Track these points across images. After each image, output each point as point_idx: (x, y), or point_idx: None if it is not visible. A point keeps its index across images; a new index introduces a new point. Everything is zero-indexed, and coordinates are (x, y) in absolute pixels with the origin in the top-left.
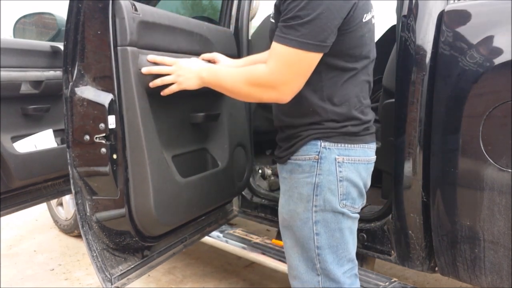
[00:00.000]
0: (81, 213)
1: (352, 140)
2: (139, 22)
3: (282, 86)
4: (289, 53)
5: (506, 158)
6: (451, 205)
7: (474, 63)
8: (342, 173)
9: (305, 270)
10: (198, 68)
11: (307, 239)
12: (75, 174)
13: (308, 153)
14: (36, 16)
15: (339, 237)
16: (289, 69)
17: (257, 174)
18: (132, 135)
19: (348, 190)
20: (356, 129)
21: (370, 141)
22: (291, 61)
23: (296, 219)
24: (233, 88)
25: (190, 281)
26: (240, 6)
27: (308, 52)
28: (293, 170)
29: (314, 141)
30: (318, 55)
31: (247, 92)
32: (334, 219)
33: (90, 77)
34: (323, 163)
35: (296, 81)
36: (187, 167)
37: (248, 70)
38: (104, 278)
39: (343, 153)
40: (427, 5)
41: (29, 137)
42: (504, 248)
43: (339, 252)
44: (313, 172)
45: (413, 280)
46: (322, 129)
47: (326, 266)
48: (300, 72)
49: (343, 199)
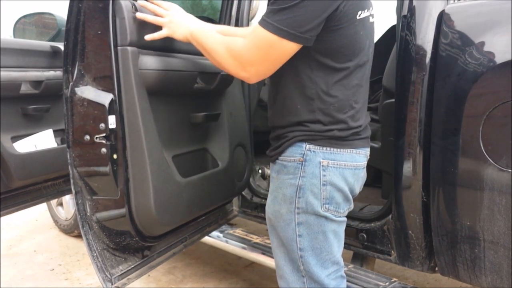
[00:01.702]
0: (82, 213)
1: (339, 144)
2: (139, 22)
3: (248, 65)
4: (263, 35)
5: (506, 158)
6: (451, 205)
7: (474, 63)
8: (326, 177)
9: (291, 271)
10: (189, 22)
11: (290, 240)
12: (75, 174)
13: (293, 155)
14: (36, 16)
15: (322, 240)
16: (258, 51)
17: (257, 174)
18: (132, 135)
19: (332, 194)
20: (343, 133)
21: (360, 146)
22: (262, 44)
23: (280, 220)
24: (211, 50)
25: (190, 281)
26: (240, 6)
27: (281, 39)
28: (280, 171)
29: (299, 143)
30: (293, 44)
31: (220, 59)
32: (316, 222)
33: (90, 77)
34: (307, 166)
35: (262, 65)
36: (187, 167)
37: (230, 40)
38: (104, 278)
39: (328, 157)
40: (427, 5)
41: (29, 137)
42: (504, 248)
43: (323, 255)
44: (297, 174)
45: (413, 280)
46: (308, 131)
47: (309, 268)
48: (268, 57)
49: (326, 203)
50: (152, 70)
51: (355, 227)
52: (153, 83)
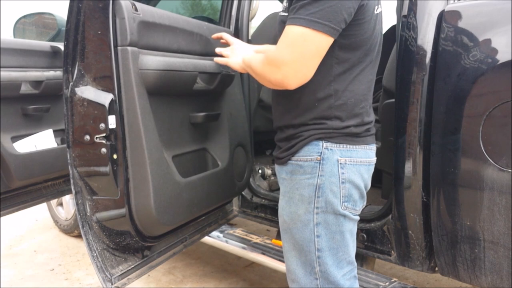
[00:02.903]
0: (82, 213)
1: (354, 141)
2: (139, 22)
3: (284, 66)
4: (295, 32)
5: (506, 158)
6: (451, 205)
7: (474, 63)
8: (345, 175)
9: (303, 274)
10: (244, 53)
11: (307, 241)
12: (75, 174)
13: (310, 154)
14: (36, 16)
15: (339, 240)
16: (293, 49)
17: (257, 174)
18: (132, 135)
19: (350, 192)
20: (358, 130)
21: (371, 142)
22: (296, 40)
23: (297, 221)
24: (256, 69)
25: (190, 281)
26: (240, 6)
27: (316, 31)
28: (294, 171)
29: (316, 141)
30: (326, 38)
31: (262, 71)
32: (335, 221)
33: (90, 77)
34: (325, 164)
35: (300, 63)
36: (187, 167)
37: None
38: (104, 278)
39: (345, 154)
40: (427, 5)
41: (29, 137)
42: (504, 248)
43: (339, 255)
44: (315, 173)
45: (413, 280)
46: (325, 129)
47: (326, 269)
48: (305, 54)
49: (345, 201)
50: (152, 70)
51: None
52: (153, 83)
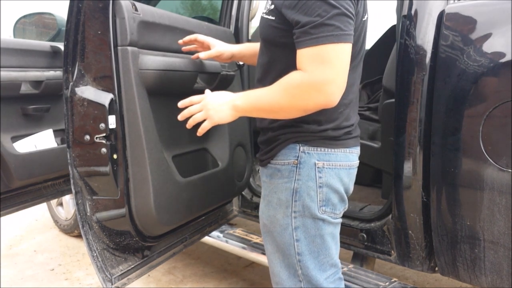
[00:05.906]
0: (82, 213)
1: (333, 144)
2: (139, 22)
3: (326, 86)
4: (326, 50)
5: (506, 158)
6: (451, 205)
7: (474, 63)
8: (322, 179)
9: (287, 276)
10: (229, 98)
11: (287, 245)
12: (75, 174)
13: (287, 158)
14: (36, 16)
15: (320, 243)
16: (331, 66)
17: (257, 174)
18: (132, 135)
19: (328, 196)
20: (336, 133)
21: (352, 145)
22: (330, 57)
23: (276, 225)
24: (273, 106)
25: (190, 281)
26: (240, 6)
27: (345, 43)
28: (273, 175)
29: (292, 144)
30: (349, 45)
31: (289, 104)
32: (314, 225)
33: (90, 77)
34: (302, 168)
35: (340, 78)
36: (187, 167)
37: (284, 82)
38: (104, 278)
39: (323, 157)
40: (427, 5)
41: (29, 137)
42: (504, 248)
43: (321, 258)
44: (292, 177)
45: (413, 280)
46: (302, 132)
47: (308, 272)
48: (342, 67)
49: (323, 205)
50: (152, 70)
51: (355, 227)
52: (153, 83)
